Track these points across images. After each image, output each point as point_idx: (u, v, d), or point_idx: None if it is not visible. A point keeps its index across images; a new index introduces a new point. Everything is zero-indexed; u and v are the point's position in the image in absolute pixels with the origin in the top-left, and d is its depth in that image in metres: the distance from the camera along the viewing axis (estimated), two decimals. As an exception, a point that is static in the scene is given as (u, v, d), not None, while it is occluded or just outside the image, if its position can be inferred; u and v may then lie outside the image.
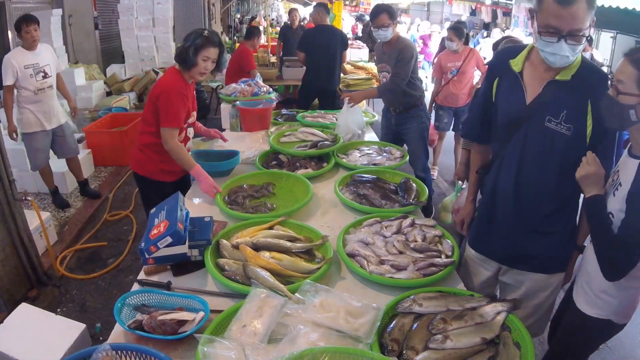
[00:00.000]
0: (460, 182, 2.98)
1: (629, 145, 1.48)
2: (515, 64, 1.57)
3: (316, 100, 5.35)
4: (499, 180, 1.67)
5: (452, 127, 4.85)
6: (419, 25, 12.95)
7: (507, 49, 1.68)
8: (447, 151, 5.28)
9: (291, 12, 7.73)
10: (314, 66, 5.03)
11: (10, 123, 3.64)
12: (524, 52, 1.58)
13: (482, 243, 1.80)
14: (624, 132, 1.61)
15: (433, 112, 4.81)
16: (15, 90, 3.60)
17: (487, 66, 3.39)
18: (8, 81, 3.51)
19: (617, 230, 1.40)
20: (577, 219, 1.70)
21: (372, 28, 3.40)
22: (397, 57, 3.32)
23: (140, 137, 2.46)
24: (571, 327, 1.69)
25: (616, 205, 1.42)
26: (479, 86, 3.79)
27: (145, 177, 2.48)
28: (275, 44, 7.91)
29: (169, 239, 1.59)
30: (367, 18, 11.40)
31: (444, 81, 4.64)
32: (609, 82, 1.40)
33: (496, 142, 1.72)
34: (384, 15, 3.26)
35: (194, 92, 2.48)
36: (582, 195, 1.57)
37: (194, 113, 2.51)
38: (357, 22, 13.16)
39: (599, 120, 1.44)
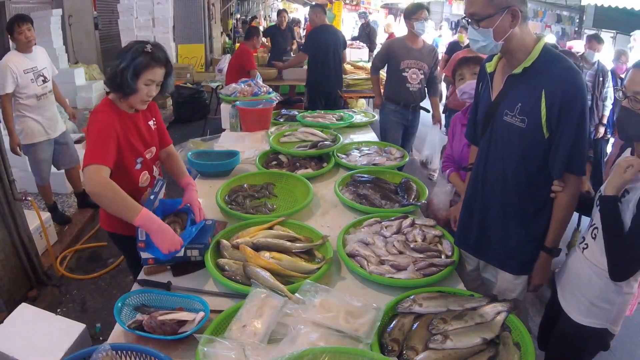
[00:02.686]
0: None
1: (629, 150, 1.46)
2: (489, 65, 1.66)
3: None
4: (472, 175, 1.78)
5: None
6: (441, 26, 12.40)
7: (490, 55, 1.73)
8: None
9: (280, 13, 7.76)
10: (322, 68, 5.03)
11: (13, 135, 3.30)
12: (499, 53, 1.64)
13: (462, 237, 1.84)
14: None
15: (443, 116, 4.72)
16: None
17: None
18: (7, 89, 3.18)
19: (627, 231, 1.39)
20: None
21: (411, 21, 3.56)
22: (433, 55, 3.70)
23: None
24: (566, 338, 1.65)
25: (626, 213, 1.39)
26: None
27: (115, 233, 1.95)
28: (269, 44, 7.93)
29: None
30: (369, 16, 11.39)
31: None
32: (621, 92, 1.38)
33: None
34: (425, 10, 3.57)
35: (154, 117, 1.97)
36: (550, 198, 1.58)
37: (153, 149, 1.94)
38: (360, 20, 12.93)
39: (552, 111, 1.45)
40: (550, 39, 8.30)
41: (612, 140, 4.30)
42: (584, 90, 1.47)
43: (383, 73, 4.17)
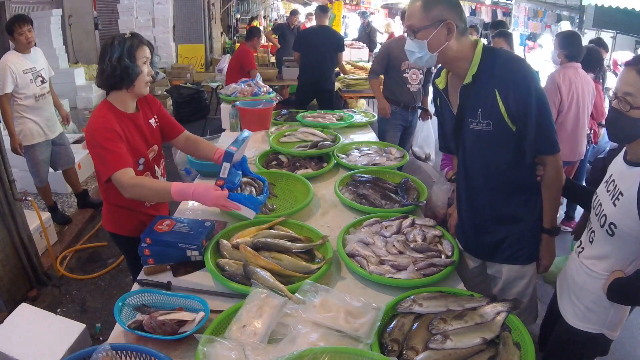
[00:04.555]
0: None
1: (623, 151, 1.45)
2: (440, 82, 1.70)
3: (315, 101, 5.41)
4: (457, 187, 1.85)
5: None
6: None
7: (437, 70, 1.77)
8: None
9: (293, 14, 7.81)
10: (308, 66, 5.12)
11: (14, 136, 3.31)
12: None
13: (462, 242, 1.88)
14: None
15: None
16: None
17: None
18: (7, 89, 3.18)
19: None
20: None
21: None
22: None
23: (100, 189, 1.91)
24: (563, 342, 1.65)
25: (619, 215, 1.37)
26: None
27: (116, 234, 1.96)
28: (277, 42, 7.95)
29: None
30: (369, 15, 11.39)
31: None
32: (611, 92, 1.38)
33: None
34: None
35: (156, 115, 1.96)
36: (537, 182, 1.63)
37: (155, 147, 1.94)
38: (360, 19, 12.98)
39: (510, 105, 1.49)
40: (547, 38, 8.33)
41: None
42: (532, 74, 1.51)
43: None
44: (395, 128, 3.86)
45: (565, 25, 7.09)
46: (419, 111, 4.00)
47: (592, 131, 3.72)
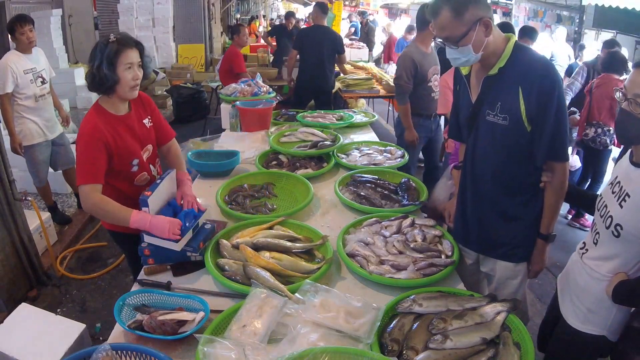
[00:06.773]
0: None
1: (629, 153, 1.44)
2: (464, 68, 1.70)
3: (312, 102, 5.39)
4: (461, 175, 1.84)
5: None
6: None
7: None
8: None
9: (288, 17, 7.80)
10: (307, 65, 5.06)
11: (14, 135, 3.30)
12: None
13: (460, 233, 1.88)
14: None
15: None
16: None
17: None
18: (7, 88, 3.18)
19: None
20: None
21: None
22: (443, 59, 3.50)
23: None
24: (563, 343, 1.64)
25: (626, 217, 1.36)
26: None
27: (116, 231, 1.97)
28: (275, 43, 7.94)
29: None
30: (368, 14, 11.41)
31: None
32: (620, 94, 1.36)
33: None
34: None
35: (150, 116, 1.97)
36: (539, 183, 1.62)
37: (149, 147, 1.95)
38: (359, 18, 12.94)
39: (530, 104, 1.50)
40: (544, 37, 8.34)
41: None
42: (559, 79, 1.51)
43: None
44: (419, 141, 3.60)
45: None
46: (441, 117, 3.68)
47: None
